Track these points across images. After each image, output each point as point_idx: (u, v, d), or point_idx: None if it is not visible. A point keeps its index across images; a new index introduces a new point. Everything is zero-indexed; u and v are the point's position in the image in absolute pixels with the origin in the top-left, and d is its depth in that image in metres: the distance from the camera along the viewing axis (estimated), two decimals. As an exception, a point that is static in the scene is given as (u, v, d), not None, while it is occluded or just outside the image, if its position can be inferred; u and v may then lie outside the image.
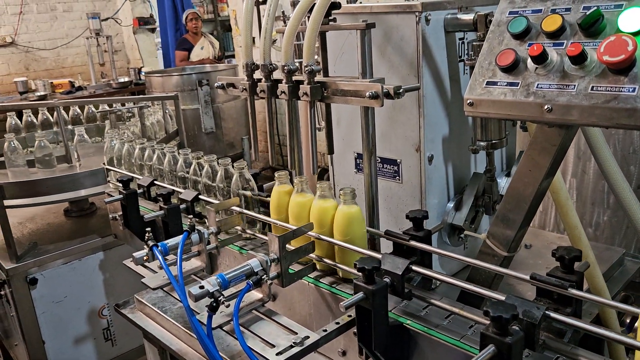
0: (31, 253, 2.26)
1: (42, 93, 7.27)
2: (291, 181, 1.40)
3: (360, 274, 1.04)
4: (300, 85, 1.29)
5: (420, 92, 1.44)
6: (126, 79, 7.62)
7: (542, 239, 1.87)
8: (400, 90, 1.15)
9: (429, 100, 1.45)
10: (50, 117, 2.95)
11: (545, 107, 0.93)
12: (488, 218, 1.65)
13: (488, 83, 1.02)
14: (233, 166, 1.59)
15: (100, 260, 2.39)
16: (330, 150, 1.45)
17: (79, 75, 8.21)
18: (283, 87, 1.32)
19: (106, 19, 8.50)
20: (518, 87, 0.97)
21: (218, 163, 1.64)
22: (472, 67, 1.41)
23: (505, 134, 1.45)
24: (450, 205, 1.58)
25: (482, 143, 1.44)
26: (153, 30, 8.92)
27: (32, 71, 8.34)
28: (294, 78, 1.35)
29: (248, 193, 1.48)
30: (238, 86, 1.49)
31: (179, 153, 1.83)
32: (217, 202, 1.57)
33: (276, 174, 1.38)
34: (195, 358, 1.47)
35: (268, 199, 1.43)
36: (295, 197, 1.33)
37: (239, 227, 1.53)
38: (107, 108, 2.56)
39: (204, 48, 7.01)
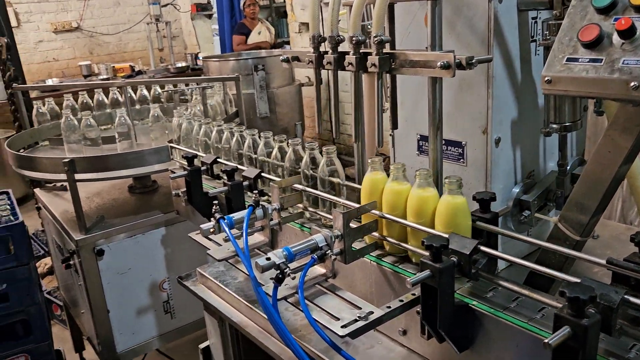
0: (99, 226, 2.37)
1: (105, 76, 7.55)
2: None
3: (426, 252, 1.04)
4: (369, 57, 1.28)
5: (490, 72, 1.40)
6: (183, 64, 7.80)
7: (610, 230, 1.80)
8: (473, 61, 1.12)
9: (498, 80, 1.41)
10: (119, 97, 3.06)
11: (632, 84, 0.89)
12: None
13: (569, 59, 0.98)
14: (303, 147, 1.60)
15: (162, 236, 2.48)
16: (395, 126, 1.43)
17: (139, 60, 8.47)
18: (350, 58, 1.31)
19: (165, 5, 8.71)
20: (602, 64, 0.93)
21: (288, 143, 1.66)
22: (546, 48, 1.36)
23: (580, 117, 1.40)
24: (516, 189, 1.54)
25: (554, 125, 1.40)
26: (210, 17, 9.08)
27: (96, 55, 8.67)
28: (361, 50, 1.34)
29: (336, 180, 1.45)
30: (303, 59, 1.50)
31: (246, 133, 1.86)
32: (279, 179, 1.60)
33: (369, 160, 1.33)
34: (255, 330, 1.52)
35: (357, 185, 1.40)
36: (391, 184, 1.28)
37: (300, 205, 1.55)
38: (172, 88, 2.63)
39: (261, 33, 7.08)
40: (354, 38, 1.32)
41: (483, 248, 1.09)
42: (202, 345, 1.90)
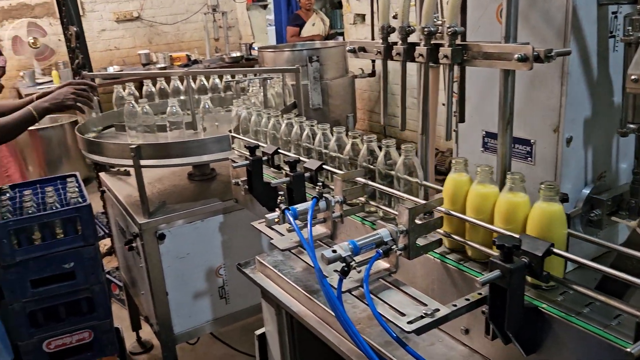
0: (161, 211, 2.45)
1: (162, 65, 7.76)
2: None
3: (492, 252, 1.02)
4: (441, 48, 1.26)
5: (565, 68, 1.35)
6: (238, 54, 7.91)
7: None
8: (552, 54, 1.09)
9: (573, 77, 1.36)
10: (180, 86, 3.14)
11: None
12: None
13: (659, 57, 0.94)
14: (362, 139, 1.61)
15: (220, 223, 2.54)
16: (462, 119, 1.40)
17: (195, 50, 8.65)
18: (421, 49, 1.30)
19: (223, -4, 8.84)
20: (696, 62, 0.89)
21: (347, 135, 1.66)
22: (627, 44, 1.31)
23: None
24: (586, 191, 1.49)
25: (632, 125, 1.34)
26: (265, 7, 9.16)
27: (154, 44, 8.91)
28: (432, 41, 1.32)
29: (414, 180, 1.41)
30: (370, 49, 1.49)
31: (305, 124, 1.88)
32: (342, 172, 1.60)
33: (453, 161, 1.29)
34: (314, 320, 1.54)
35: (439, 187, 1.37)
36: (477, 187, 1.23)
37: (362, 199, 1.55)
38: (233, 79, 2.68)
39: (315, 24, 7.09)
40: (425, 29, 1.30)
41: (556, 250, 1.06)
42: (258, 332, 1.94)
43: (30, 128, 2.37)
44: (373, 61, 6.67)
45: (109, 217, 3.42)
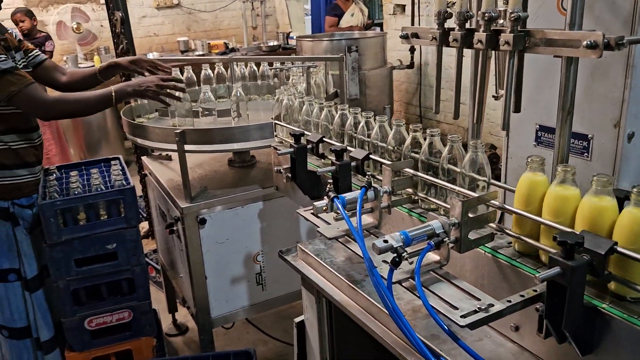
0: (202, 196, 2.47)
1: (200, 52, 7.82)
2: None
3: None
4: (502, 34, 1.22)
5: (630, 60, 1.31)
6: (275, 43, 7.91)
7: None
8: (624, 41, 1.03)
9: (638, 70, 1.31)
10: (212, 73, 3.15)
11: None
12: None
13: None
14: (407, 129, 1.58)
15: (259, 210, 2.55)
16: (517, 109, 1.35)
17: (233, 38, 8.69)
18: (480, 35, 1.25)
19: (261, -15, 8.85)
20: None
21: (391, 124, 1.65)
22: None
23: None
24: (646, 189, 1.43)
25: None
26: (303, -4, 9.12)
27: (193, 32, 8.99)
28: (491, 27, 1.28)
29: (482, 178, 1.32)
30: (424, 36, 1.45)
31: (349, 112, 1.87)
32: (390, 162, 1.58)
33: (529, 159, 1.19)
34: (356, 310, 1.53)
35: (511, 187, 1.31)
36: (556, 189, 1.14)
37: (410, 190, 1.53)
38: (272, 67, 2.69)
39: (354, 15, 7.02)
40: (486, 14, 1.26)
41: (619, 249, 1.02)
42: (297, 320, 1.95)
43: None
44: (412, 53, 6.59)
45: (149, 201, 3.48)
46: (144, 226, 4.67)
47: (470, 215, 1.23)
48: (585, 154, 1.45)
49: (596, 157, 1.43)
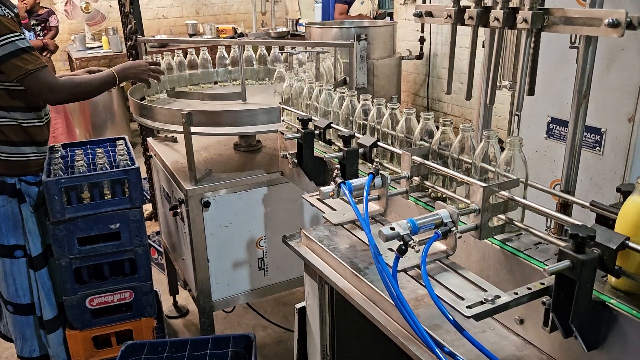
0: (207, 179, 2.46)
1: (209, 37, 7.78)
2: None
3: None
4: (520, 11, 1.18)
5: (647, 54, 1.28)
6: (284, 29, 7.85)
7: None
8: None
9: (656, 64, 1.29)
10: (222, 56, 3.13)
11: None
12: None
13: None
14: (418, 116, 1.56)
15: (263, 195, 2.54)
16: (531, 91, 1.31)
17: (242, 23, 8.64)
18: (497, 12, 1.22)
19: (271, -31, 8.77)
20: None
21: (402, 111, 1.63)
22: None
23: None
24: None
25: None
26: (313, -17, 9.03)
27: (201, 15, 8.94)
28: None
29: (518, 179, 1.23)
30: (439, 14, 1.41)
31: (358, 99, 1.84)
32: (398, 149, 1.56)
33: (638, 180, 0.99)
34: (359, 298, 1.52)
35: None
36: None
37: (417, 178, 1.51)
38: (283, 51, 2.66)
39: (364, 3, 6.96)
40: None
41: (631, 244, 1.00)
42: (298, 305, 1.94)
43: None
44: (421, 43, 6.54)
45: (153, 183, 3.47)
46: (147, 208, 4.67)
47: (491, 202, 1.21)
48: (598, 147, 1.43)
49: (608, 151, 1.40)
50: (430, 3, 6.34)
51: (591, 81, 1.19)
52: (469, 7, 1.32)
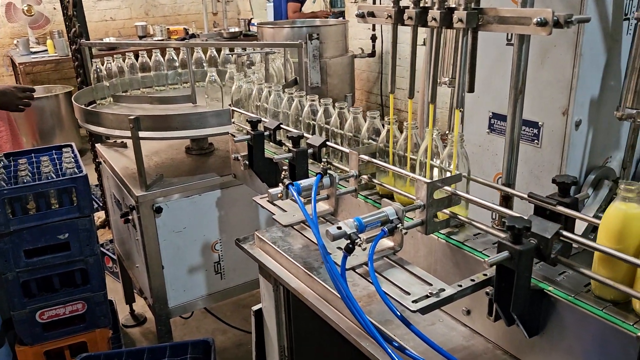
0: (158, 184, 2.42)
1: (159, 38, 7.64)
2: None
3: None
4: (455, 11, 1.22)
5: (578, 50, 1.34)
6: (236, 29, 7.79)
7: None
8: (572, 19, 1.04)
9: (586, 59, 1.35)
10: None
11: None
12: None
13: (682, 39, 0.91)
14: (365, 116, 1.58)
15: (217, 198, 2.51)
16: (471, 88, 1.35)
17: (193, 23, 8.51)
18: (434, 13, 1.25)
19: (222, -31, 8.67)
20: None
21: (349, 111, 1.64)
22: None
23: None
24: (592, 176, 1.48)
25: (630, 111, 1.32)
26: (263, -18, 8.98)
27: (151, 17, 8.76)
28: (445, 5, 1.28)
29: (462, 174, 1.26)
30: (380, 14, 1.43)
31: (306, 99, 1.85)
32: (347, 148, 1.58)
33: (622, 186, 0.96)
34: (313, 297, 1.53)
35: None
36: None
37: (365, 177, 1.53)
38: (232, 52, 2.64)
39: (316, 2, 6.98)
40: None
41: (565, 233, 1.05)
42: (254, 308, 1.93)
43: None
44: (373, 41, 6.61)
45: (104, 190, 3.38)
46: (100, 216, 4.55)
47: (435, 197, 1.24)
48: (536, 140, 1.48)
49: (546, 144, 1.46)
50: (379, 3, 6.42)
51: (526, 77, 1.23)
52: (408, 7, 1.35)
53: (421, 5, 1.32)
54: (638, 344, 0.78)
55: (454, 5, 1.25)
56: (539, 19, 1.06)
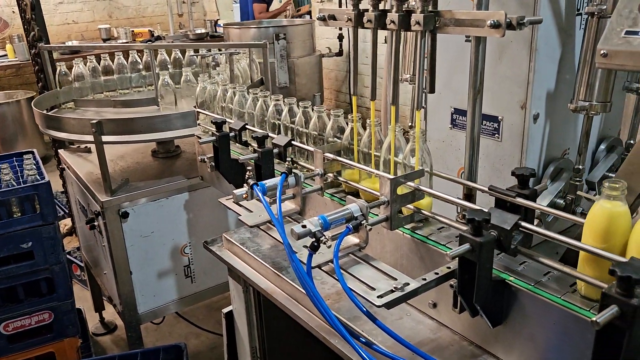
0: (124, 188, 2.38)
1: (124, 41, 7.51)
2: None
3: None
4: (413, 14, 1.23)
5: (533, 45, 1.37)
6: (203, 31, 7.72)
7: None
8: (524, 21, 1.08)
9: (541, 54, 1.38)
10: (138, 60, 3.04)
11: (696, 59, 0.85)
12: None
13: (627, 32, 0.95)
14: (329, 114, 1.59)
15: (185, 201, 2.49)
16: (432, 89, 1.37)
17: (158, 25, 8.40)
18: (393, 16, 1.26)
19: (186, -30, 8.57)
20: (664, 38, 0.90)
21: (313, 109, 1.65)
22: (590, 14, 1.30)
23: (611, 100, 1.35)
24: (551, 168, 1.52)
25: (583, 103, 1.36)
26: (229, -18, 8.92)
27: (115, 19, 8.61)
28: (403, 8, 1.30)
29: (425, 170, 1.28)
30: (341, 17, 1.45)
31: (270, 99, 1.85)
32: (312, 147, 1.58)
33: (606, 184, 0.94)
34: (282, 297, 1.53)
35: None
36: None
37: (331, 175, 1.54)
38: (197, 53, 2.61)
39: (282, 1, 6.97)
40: None
41: (524, 224, 1.07)
42: (225, 310, 1.93)
43: None
44: (340, 40, 6.63)
45: (69, 196, 3.31)
46: (66, 223, 4.45)
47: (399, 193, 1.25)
48: (496, 134, 1.51)
49: (506, 138, 1.49)
50: (346, 2, 6.44)
51: (484, 77, 1.26)
52: (367, 10, 1.36)
53: (380, 8, 1.34)
54: (594, 328, 0.80)
55: (412, 8, 1.27)
56: (492, 22, 1.09)
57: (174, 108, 2.52)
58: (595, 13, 1.25)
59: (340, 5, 6.53)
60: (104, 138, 2.24)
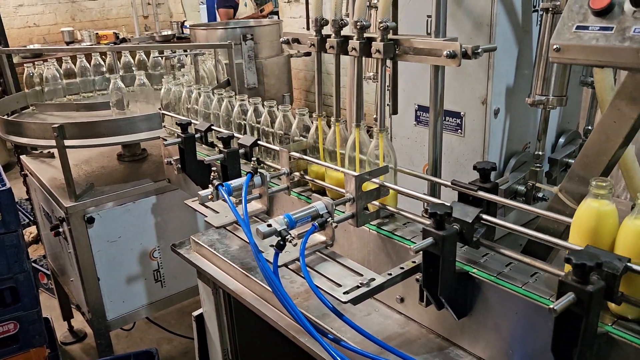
0: (89, 193, 2.34)
1: (88, 44, 7.35)
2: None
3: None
4: (373, 42, 1.26)
5: (492, 42, 1.39)
6: (169, 32, 7.63)
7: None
8: (479, 50, 1.11)
9: (499, 51, 1.40)
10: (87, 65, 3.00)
11: (643, 53, 0.88)
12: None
13: (578, 27, 0.97)
14: (294, 113, 1.59)
15: (152, 204, 2.45)
16: (394, 111, 1.42)
17: (123, 27, 8.26)
18: (354, 43, 1.30)
19: (150, -30, 8.47)
20: (612, 32, 0.93)
21: (278, 109, 1.65)
22: (544, 10, 1.34)
23: (566, 94, 1.39)
24: (513, 161, 1.55)
25: (540, 97, 1.39)
26: (195, -17, 8.84)
27: (78, 21, 8.43)
28: (365, 35, 1.32)
29: (390, 166, 1.31)
30: (305, 41, 1.47)
31: (236, 99, 1.84)
32: (278, 146, 1.58)
33: (593, 183, 0.93)
34: (251, 298, 1.52)
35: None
36: (635, 222, 0.89)
37: (297, 174, 1.54)
38: (162, 55, 2.58)
39: (247, 5, 6.93)
40: (358, 23, 1.29)
41: (485, 216, 1.09)
42: (195, 313, 1.91)
43: None
44: (308, 40, 6.63)
45: (33, 203, 3.23)
46: (31, 231, 4.34)
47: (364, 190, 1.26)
48: (459, 130, 1.53)
49: (469, 133, 1.51)
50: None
51: (443, 99, 1.30)
52: (330, 36, 1.38)
53: (342, 34, 1.36)
54: (552, 315, 0.82)
55: (373, 35, 1.30)
56: (448, 52, 1.13)
57: (125, 112, 2.48)
58: (550, 9, 1.29)
59: (307, 5, 6.53)
60: (67, 142, 2.19)
